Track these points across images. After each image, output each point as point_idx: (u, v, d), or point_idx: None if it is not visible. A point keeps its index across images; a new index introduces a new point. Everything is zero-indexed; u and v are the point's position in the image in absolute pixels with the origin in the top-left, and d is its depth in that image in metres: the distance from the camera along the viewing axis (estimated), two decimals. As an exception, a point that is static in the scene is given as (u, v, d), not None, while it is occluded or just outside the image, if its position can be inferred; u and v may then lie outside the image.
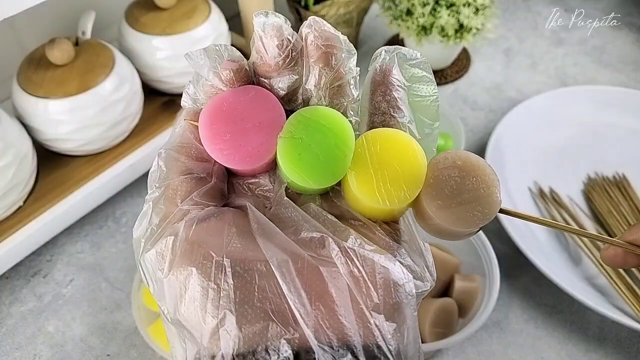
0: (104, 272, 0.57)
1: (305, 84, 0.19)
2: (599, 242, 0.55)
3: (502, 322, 0.52)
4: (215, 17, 0.63)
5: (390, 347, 0.16)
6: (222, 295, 0.16)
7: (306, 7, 0.74)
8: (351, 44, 0.20)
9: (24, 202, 0.54)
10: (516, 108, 0.67)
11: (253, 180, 0.20)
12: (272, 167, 0.20)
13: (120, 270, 0.57)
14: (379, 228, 0.18)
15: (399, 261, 0.18)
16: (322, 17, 0.74)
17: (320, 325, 0.16)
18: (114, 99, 0.55)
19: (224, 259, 0.16)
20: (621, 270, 0.52)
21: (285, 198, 0.19)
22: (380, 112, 0.20)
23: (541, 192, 0.61)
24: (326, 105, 0.19)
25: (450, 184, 0.18)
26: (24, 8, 0.43)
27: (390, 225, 0.19)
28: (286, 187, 0.19)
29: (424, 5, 0.68)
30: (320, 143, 0.18)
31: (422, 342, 0.44)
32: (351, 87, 0.20)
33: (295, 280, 0.16)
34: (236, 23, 0.71)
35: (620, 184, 0.61)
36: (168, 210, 0.18)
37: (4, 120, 0.50)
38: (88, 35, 0.57)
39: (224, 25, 0.65)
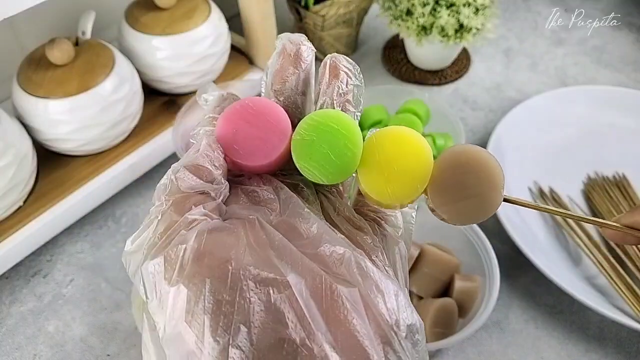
0: (104, 272, 0.57)
1: (321, 95, 0.22)
2: (599, 243, 0.55)
3: (502, 322, 0.52)
4: (215, 17, 0.63)
5: None
6: (237, 309, 0.15)
7: (306, 7, 0.74)
8: (362, 76, 0.22)
9: (24, 202, 0.54)
10: (516, 108, 0.67)
11: (258, 190, 0.21)
12: (278, 167, 0.21)
13: (121, 270, 0.57)
14: (380, 257, 0.19)
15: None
16: (322, 17, 0.74)
17: (336, 346, 0.15)
18: (114, 99, 0.55)
19: (240, 272, 0.16)
20: (621, 270, 0.52)
21: (304, 209, 0.19)
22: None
23: (541, 192, 0.61)
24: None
25: (455, 180, 0.19)
26: (24, 8, 0.43)
27: (382, 257, 0.20)
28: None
29: (424, 5, 0.68)
30: (331, 143, 0.19)
31: (422, 342, 0.44)
32: (357, 104, 0.22)
33: (309, 300, 0.16)
34: (236, 23, 0.71)
35: (620, 184, 0.61)
36: (174, 220, 0.18)
37: (4, 120, 0.50)
38: (88, 35, 0.58)
39: (224, 26, 0.65)
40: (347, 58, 0.22)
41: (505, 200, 0.19)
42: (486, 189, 0.19)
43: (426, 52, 0.75)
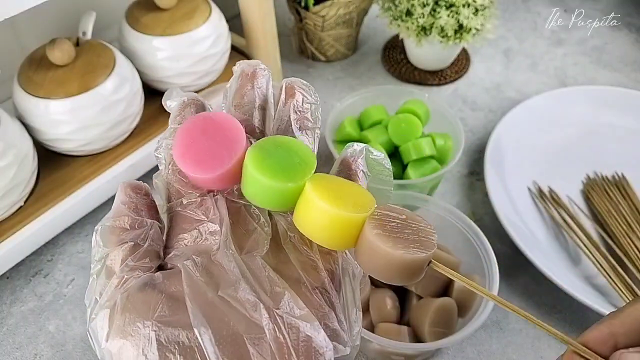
0: (104, 271, 0.57)
1: (277, 114, 0.23)
2: (599, 243, 0.55)
3: (502, 321, 0.52)
4: (215, 18, 0.63)
5: None
6: None
7: (306, 8, 0.74)
8: (317, 95, 0.24)
9: (25, 202, 0.54)
10: (516, 108, 0.68)
11: (202, 222, 0.22)
12: (230, 185, 0.22)
13: (121, 270, 0.57)
14: (315, 291, 0.20)
15: (326, 325, 0.20)
16: (322, 17, 0.74)
17: None
18: (114, 99, 0.55)
19: (150, 330, 0.18)
20: (620, 270, 0.52)
21: (230, 250, 0.20)
22: None
23: (540, 192, 0.61)
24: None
25: (395, 221, 0.20)
26: (24, 8, 0.43)
27: (327, 286, 0.21)
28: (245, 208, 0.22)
29: (424, 5, 0.68)
30: (285, 157, 0.20)
31: (422, 342, 0.45)
32: (316, 121, 0.24)
33: (215, 348, 0.18)
34: (236, 24, 0.72)
35: (619, 184, 0.61)
36: (107, 280, 0.20)
37: (5, 121, 0.50)
38: (89, 36, 0.58)
39: (224, 26, 0.65)
40: (302, 80, 0.24)
41: (431, 263, 0.21)
42: (426, 239, 0.21)
43: (426, 53, 0.75)
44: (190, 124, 0.21)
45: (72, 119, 0.53)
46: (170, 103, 0.24)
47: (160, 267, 0.21)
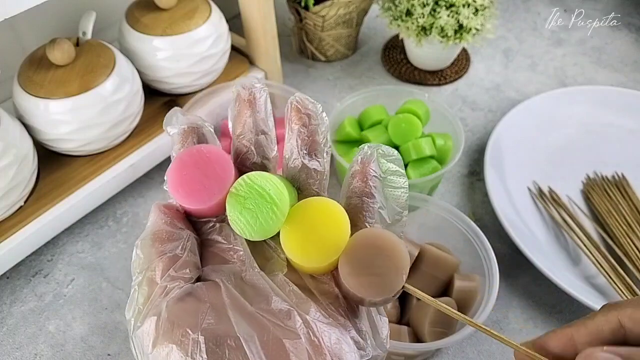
0: (104, 272, 0.57)
1: (287, 141, 0.24)
2: (599, 243, 0.55)
3: (502, 321, 0.52)
4: (215, 18, 0.63)
5: None
6: None
7: (306, 8, 0.74)
8: (324, 115, 0.24)
9: (25, 202, 0.54)
10: (515, 108, 0.68)
11: (225, 245, 0.23)
12: (220, 213, 0.23)
13: (121, 270, 0.57)
14: (334, 303, 0.21)
15: (348, 330, 0.21)
16: (322, 17, 0.74)
17: None
18: (114, 99, 0.55)
19: (199, 335, 0.19)
20: (620, 270, 0.52)
21: (256, 269, 0.22)
22: (356, 196, 0.23)
23: (540, 192, 0.61)
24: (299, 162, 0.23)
25: (365, 256, 0.21)
26: (24, 8, 0.43)
27: (341, 301, 0.22)
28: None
29: (424, 5, 0.68)
30: (259, 204, 0.21)
31: (422, 342, 0.45)
32: (325, 141, 0.24)
33: (260, 353, 0.19)
34: (237, 24, 0.72)
35: (619, 184, 0.61)
36: (150, 290, 0.21)
37: (5, 121, 0.50)
38: (89, 36, 0.58)
39: (224, 26, 0.65)
40: (308, 98, 0.23)
41: (404, 287, 0.21)
42: (391, 272, 0.21)
43: (426, 53, 0.75)
44: (185, 156, 0.22)
45: (72, 119, 0.53)
46: (171, 130, 0.24)
47: (198, 280, 0.22)
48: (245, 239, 0.23)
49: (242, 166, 0.24)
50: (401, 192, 0.23)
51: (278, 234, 0.22)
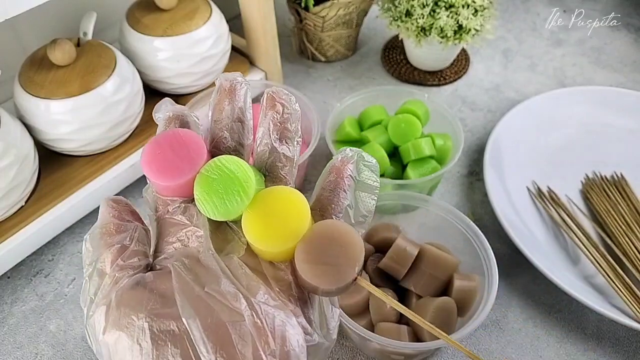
0: (105, 271, 0.57)
1: (260, 126, 0.25)
2: (598, 243, 0.56)
3: (501, 321, 0.52)
4: (216, 18, 0.63)
5: None
6: (143, 353, 0.19)
7: (306, 9, 0.74)
8: (297, 106, 0.25)
9: (26, 202, 0.54)
10: (515, 108, 0.68)
11: (188, 226, 0.24)
12: (189, 194, 0.24)
13: (122, 270, 0.57)
14: (286, 290, 0.22)
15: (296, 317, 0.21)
16: (322, 18, 0.74)
17: None
18: (115, 99, 0.55)
19: (144, 322, 0.20)
20: (619, 270, 0.52)
21: (211, 252, 0.22)
22: (329, 188, 0.24)
23: (540, 192, 0.61)
24: (269, 149, 0.24)
25: (320, 246, 0.22)
26: (25, 9, 0.43)
27: (293, 288, 0.23)
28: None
29: (424, 6, 0.68)
30: (226, 186, 0.22)
31: (421, 341, 0.45)
32: (296, 131, 0.25)
33: (202, 335, 0.19)
34: (237, 24, 0.72)
35: (618, 184, 0.61)
36: (100, 281, 0.22)
37: (6, 121, 0.51)
38: (89, 36, 0.58)
39: (224, 27, 0.65)
40: (284, 89, 0.25)
41: (357, 280, 0.22)
42: (343, 263, 0.21)
43: (425, 53, 0.76)
44: (160, 137, 0.23)
45: (72, 119, 0.53)
46: (158, 115, 0.25)
47: (151, 269, 0.23)
48: (208, 220, 0.23)
49: (216, 149, 0.25)
50: (371, 199, 0.24)
51: (241, 218, 0.23)
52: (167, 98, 0.26)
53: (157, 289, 0.21)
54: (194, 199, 0.23)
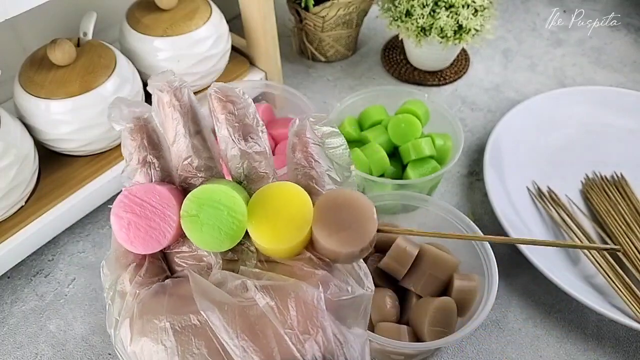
0: (105, 271, 0.57)
1: (218, 133, 0.23)
2: (597, 242, 0.56)
3: (501, 321, 0.52)
4: (216, 19, 0.63)
5: (305, 357, 0.19)
6: (168, 352, 0.19)
7: (306, 9, 0.74)
8: (247, 96, 0.23)
9: (26, 202, 0.54)
10: (515, 108, 0.68)
11: (188, 254, 0.23)
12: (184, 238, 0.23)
13: (122, 270, 0.57)
14: (308, 263, 0.22)
15: (326, 285, 0.21)
16: (322, 18, 0.74)
17: (247, 352, 0.19)
18: (115, 99, 0.55)
19: (165, 322, 0.20)
20: (619, 270, 0.52)
21: (216, 270, 0.22)
22: (301, 167, 0.23)
23: (540, 192, 0.61)
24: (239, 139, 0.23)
25: (333, 217, 0.22)
26: (25, 9, 0.43)
27: (315, 260, 0.22)
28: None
29: (424, 6, 0.68)
30: (215, 216, 0.21)
31: (421, 341, 0.45)
32: (256, 121, 0.23)
33: (222, 322, 0.19)
34: (237, 24, 0.72)
35: (618, 184, 0.61)
36: (122, 301, 0.22)
37: (6, 121, 0.51)
38: (89, 36, 0.58)
39: (224, 27, 0.65)
40: (225, 85, 0.23)
41: (379, 230, 0.22)
42: (362, 219, 0.22)
43: (425, 53, 0.76)
44: (119, 210, 0.22)
45: (72, 120, 0.53)
46: (117, 127, 0.23)
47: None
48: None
49: (186, 172, 0.24)
50: (342, 150, 0.24)
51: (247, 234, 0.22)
52: (118, 98, 0.23)
53: (177, 293, 0.21)
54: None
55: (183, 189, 0.24)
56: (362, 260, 0.24)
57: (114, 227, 0.22)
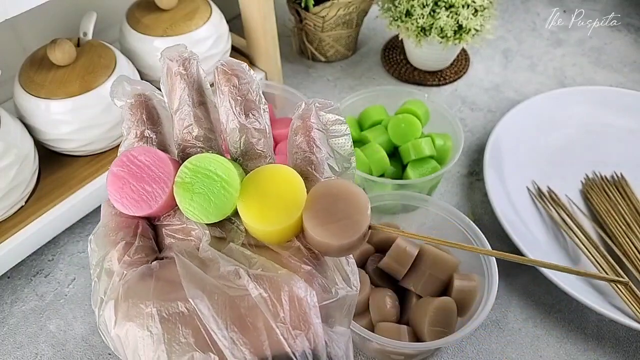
0: (105, 271, 0.57)
1: (220, 106, 0.23)
2: (598, 243, 0.56)
3: (501, 321, 0.52)
4: (216, 19, 0.63)
5: (295, 352, 0.19)
6: (154, 339, 0.19)
7: (306, 9, 0.74)
8: (252, 72, 0.23)
9: (26, 202, 0.54)
10: (515, 108, 0.68)
11: (177, 227, 0.23)
12: (172, 208, 0.23)
13: (122, 270, 0.57)
14: (296, 254, 0.22)
15: (310, 281, 0.21)
16: (322, 18, 0.74)
17: (236, 344, 0.19)
18: (115, 99, 0.55)
19: (152, 308, 0.19)
20: (619, 270, 0.52)
21: (207, 246, 0.22)
22: (301, 151, 0.23)
23: (540, 192, 0.61)
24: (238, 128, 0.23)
25: (325, 206, 0.21)
26: (26, 9, 0.43)
27: (303, 250, 0.22)
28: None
29: (424, 6, 0.68)
30: (208, 186, 0.21)
31: (421, 341, 0.45)
32: (259, 99, 0.23)
33: (211, 311, 0.19)
34: (237, 24, 0.72)
35: (618, 184, 0.61)
36: (109, 279, 0.21)
37: (6, 121, 0.51)
38: (89, 36, 0.58)
39: (224, 27, 0.65)
40: (234, 60, 0.23)
41: (370, 227, 0.22)
42: (355, 212, 0.21)
43: (425, 53, 0.76)
44: (116, 169, 0.22)
45: (73, 120, 0.53)
46: (118, 103, 0.24)
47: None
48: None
49: (185, 142, 0.24)
50: (345, 140, 0.23)
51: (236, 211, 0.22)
52: (122, 76, 0.24)
53: (164, 277, 0.21)
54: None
55: (181, 161, 0.23)
56: (352, 256, 0.23)
57: (108, 185, 0.22)
